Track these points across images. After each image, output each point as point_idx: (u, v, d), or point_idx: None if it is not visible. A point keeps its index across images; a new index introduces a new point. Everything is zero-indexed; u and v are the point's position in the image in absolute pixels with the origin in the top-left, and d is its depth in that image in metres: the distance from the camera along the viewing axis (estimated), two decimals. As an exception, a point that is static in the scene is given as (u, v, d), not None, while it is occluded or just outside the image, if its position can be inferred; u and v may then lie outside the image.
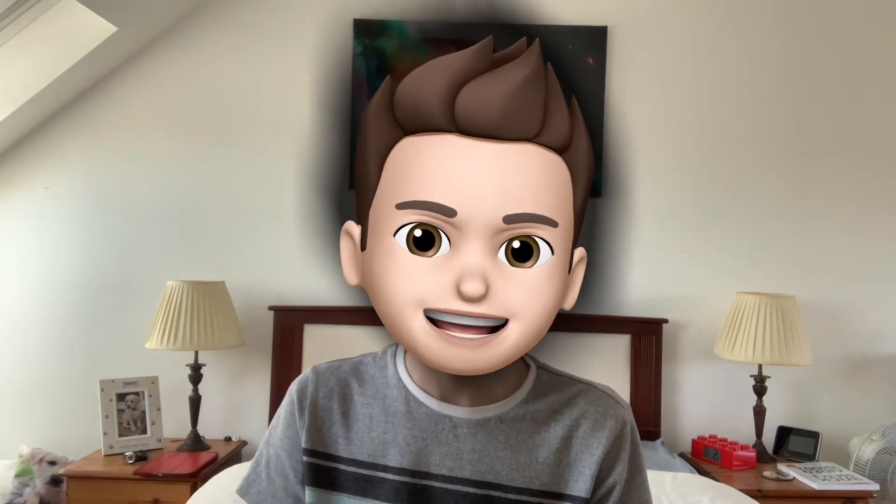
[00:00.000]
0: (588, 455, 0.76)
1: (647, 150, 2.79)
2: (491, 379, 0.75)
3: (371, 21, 2.77)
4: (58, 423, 2.77)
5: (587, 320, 2.64)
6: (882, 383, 2.78)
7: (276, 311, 2.70)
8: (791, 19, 2.81)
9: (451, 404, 0.76)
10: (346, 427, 0.78)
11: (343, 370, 0.82)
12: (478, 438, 0.75)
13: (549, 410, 0.77)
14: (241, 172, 2.81)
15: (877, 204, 2.80)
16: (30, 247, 2.83)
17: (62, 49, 2.54)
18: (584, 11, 2.78)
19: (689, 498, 2.00)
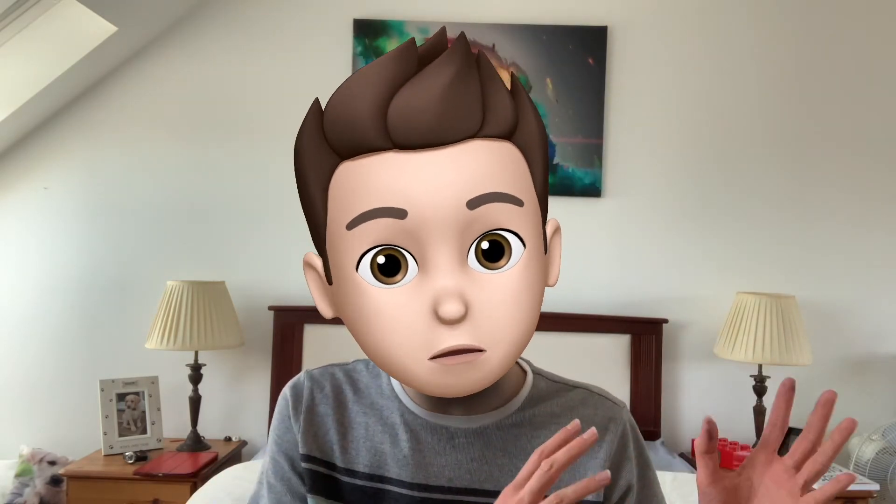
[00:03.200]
0: (591, 458, 0.75)
1: (647, 150, 2.79)
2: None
3: (371, 21, 2.77)
4: (58, 423, 2.77)
5: (587, 320, 2.64)
6: (882, 383, 2.78)
7: (276, 311, 2.70)
8: (791, 18, 2.81)
9: (446, 414, 0.75)
10: (341, 435, 0.77)
11: (337, 376, 0.80)
12: (476, 447, 0.74)
13: (548, 415, 0.76)
14: (241, 172, 2.81)
15: (877, 204, 2.80)
16: (30, 247, 2.83)
17: (62, 49, 2.54)
18: (584, 11, 2.78)
19: (689, 498, 2.00)
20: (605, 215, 2.75)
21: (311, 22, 2.80)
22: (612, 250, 2.77)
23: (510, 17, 2.76)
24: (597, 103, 2.74)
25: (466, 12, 2.77)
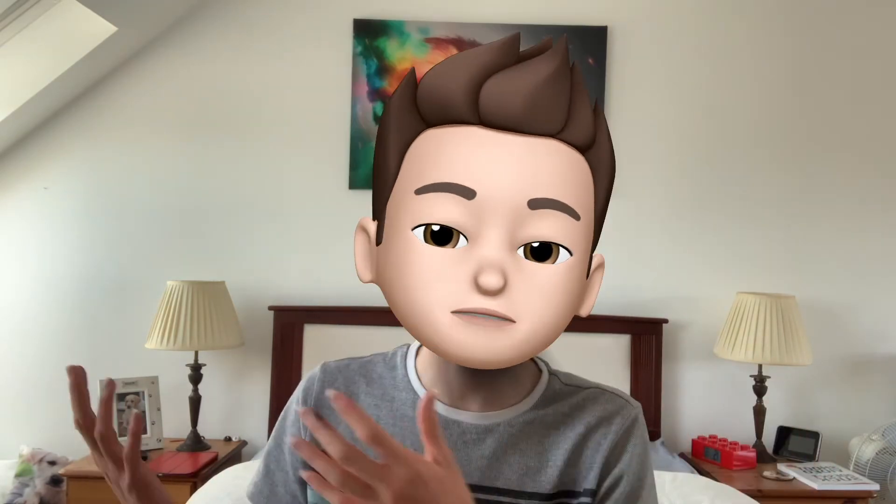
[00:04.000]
0: (596, 450, 0.75)
1: (647, 151, 2.79)
2: (503, 383, 0.75)
3: (371, 21, 2.77)
4: (58, 423, 2.76)
5: (587, 320, 2.62)
6: (882, 383, 2.78)
7: (276, 311, 2.70)
8: (792, 18, 2.81)
9: (460, 409, 0.75)
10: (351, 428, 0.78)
11: (351, 368, 0.81)
12: (486, 444, 0.74)
13: (560, 415, 0.77)
14: (241, 172, 2.81)
15: (877, 204, 2.80)
16: (30, 247, 2.82)
17: (62, 49, 2.54)
18: (584, 11, 2.78)
19: (689, 498, 2.00)
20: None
21: (311, 22, 2.80)
22: (612, 250, 2.76)
23: (510, 16, 2.76)
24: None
25: (466, 12, 2.77)
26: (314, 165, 2.78)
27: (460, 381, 0.75)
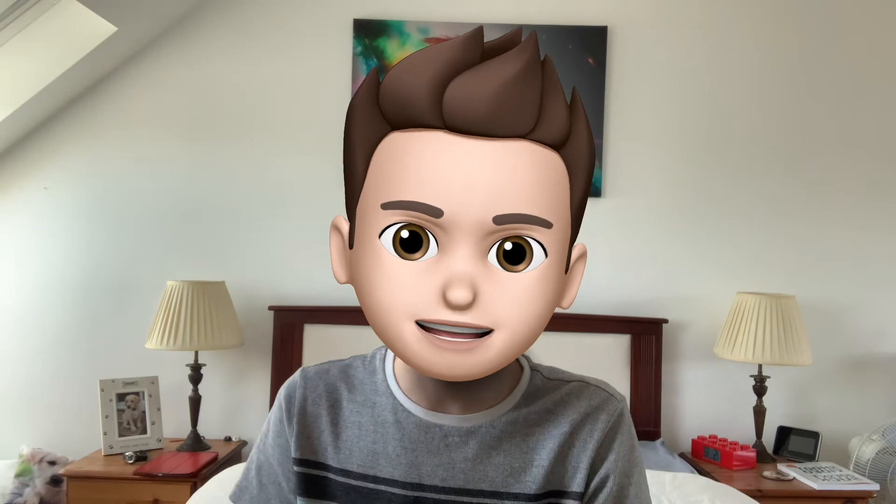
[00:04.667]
0: (583, 450, 0.74)
1: (647, 150, 2.79)
2: (482, 386, 0.73)
3: (371, 21, 2.77)
4: (58, 423, 2.77)
5: (587, 320, 2.64)
6: (882, 383, 2.78)
7: (276, 311, 2.70)
8: (792, 18, 2.81)
9: (440, 413, 0.74)
10: (334, 435, 0.77)
11: (332, 374, 0.80)
12: (470, 446, 0.73)
13: (543, 412, 0.75)
14: (241, 172, 2.81)
15: (877, 204, 2.80)
16: (30, 247, 2.83)
17: (62, 49, 2.54)
18: (584, 11, 2.78)
19: (689, 498, 2.00)
20: (605, 215, 2.76)
21: (311, 22, 2.81)
22: (612, 250, 2.77)
23: (510, 16, 2.76)
24: (597, 103, 2.74)
25: (466, 12, 2.77)
26: (314, 165, 2.78)
27: (436, 386, 0.74)
